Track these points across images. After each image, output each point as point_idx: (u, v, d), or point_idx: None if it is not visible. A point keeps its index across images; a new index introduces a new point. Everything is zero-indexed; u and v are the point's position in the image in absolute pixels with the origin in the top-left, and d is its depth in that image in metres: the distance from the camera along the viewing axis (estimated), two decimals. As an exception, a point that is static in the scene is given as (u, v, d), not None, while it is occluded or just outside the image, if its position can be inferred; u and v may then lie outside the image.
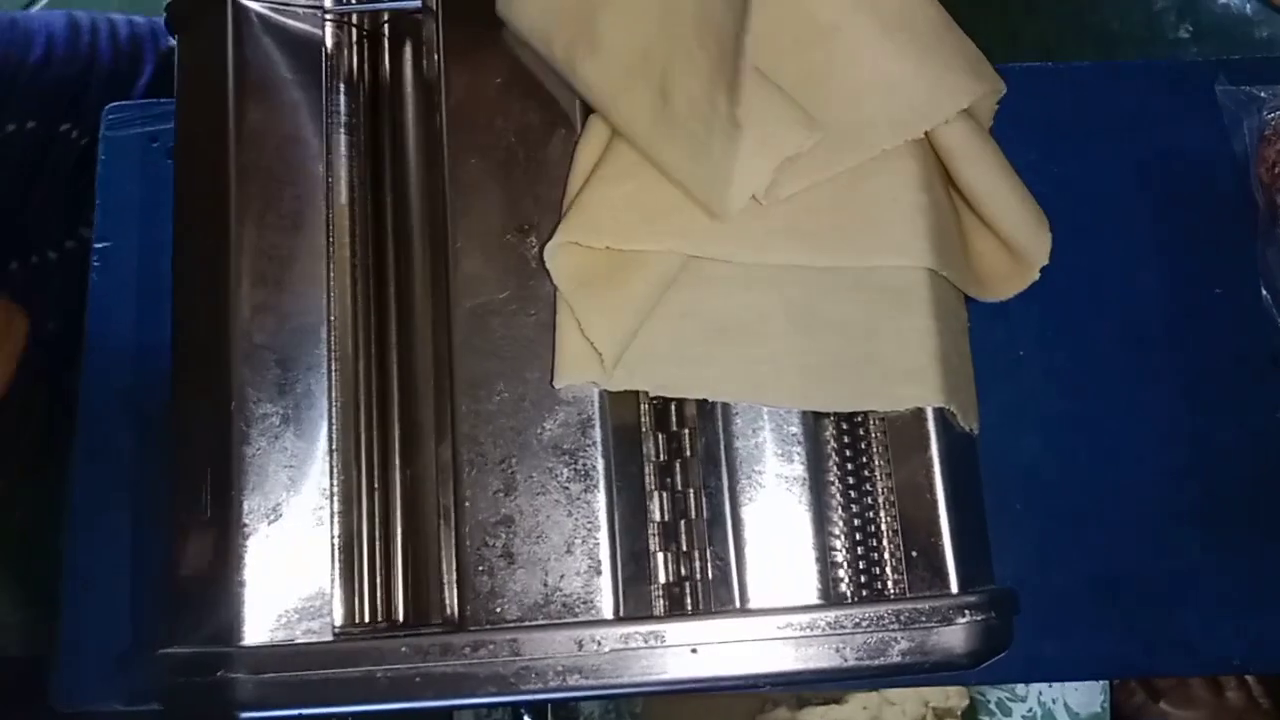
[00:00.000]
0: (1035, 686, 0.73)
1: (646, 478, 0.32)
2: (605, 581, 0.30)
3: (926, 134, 0.33)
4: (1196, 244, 0.47)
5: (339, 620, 0.32)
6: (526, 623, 0.30)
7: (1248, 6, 0.71)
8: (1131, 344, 0.46)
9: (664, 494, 0.32)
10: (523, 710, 0.38)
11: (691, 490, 0.32)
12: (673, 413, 0.33)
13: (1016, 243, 0.35)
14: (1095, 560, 0.44)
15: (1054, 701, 0.73)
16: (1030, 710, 0.74)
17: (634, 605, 0.31)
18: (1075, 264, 0.45)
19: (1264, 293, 0.46)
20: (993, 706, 0.74)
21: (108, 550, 0.47)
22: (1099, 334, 0.47)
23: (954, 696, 0.73)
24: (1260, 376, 0.46)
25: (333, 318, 0.33)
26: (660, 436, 0.33)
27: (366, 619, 0.33)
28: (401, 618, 0.33)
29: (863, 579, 0.31)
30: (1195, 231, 0.47)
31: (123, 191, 0.51)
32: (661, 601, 0.31)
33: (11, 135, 0.61)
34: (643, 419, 0.33)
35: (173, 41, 0.38)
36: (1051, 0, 0.80)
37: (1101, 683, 0.71)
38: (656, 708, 0.73)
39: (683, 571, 0.32)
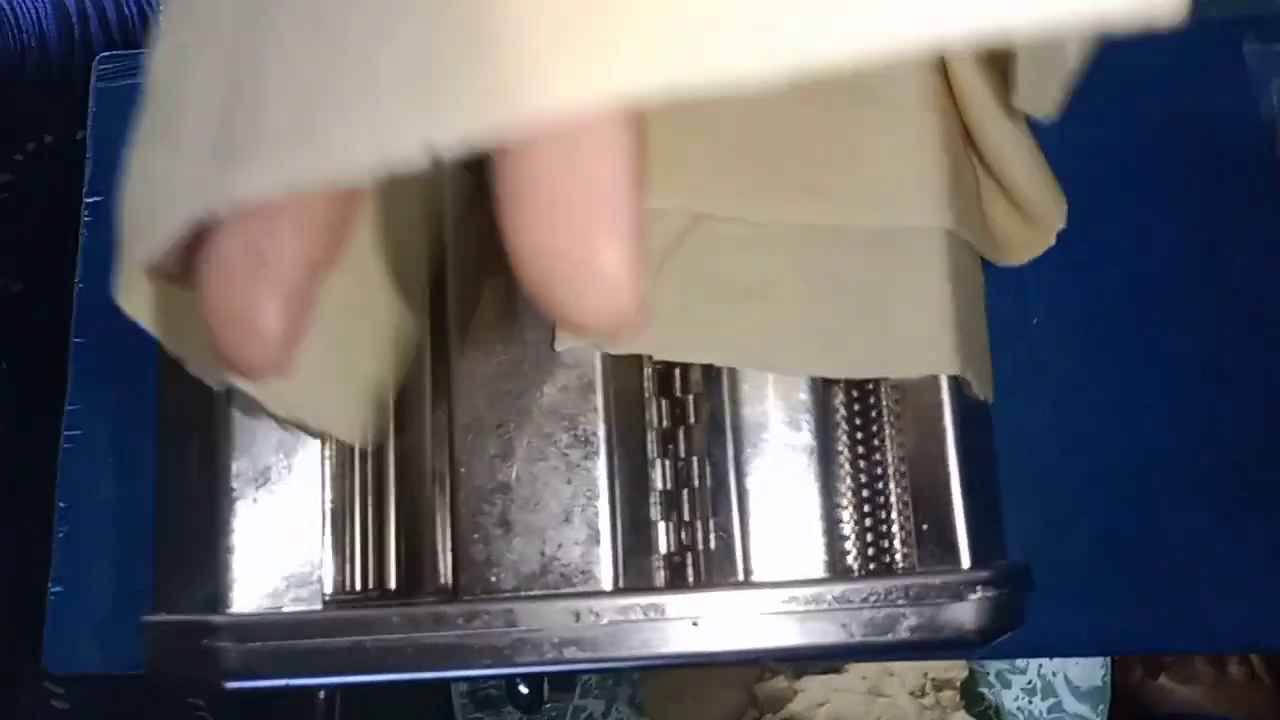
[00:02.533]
0: (1035, 659, 0.72)
1: (649, 444, 0.31)
2: (604, 551, 0.29)
3: (950, 90, 0.32)
4: (1217, 210, 0.46)
5: (329, 588, 0.31)
6: (522, 593, 0.29)
7: (1269, -31, 0.70)
8: (1147, 312, 0.45)
9: (666, 461, 0.31)
10: (518, 680, 0.38)
11: (695, 458, 0.31)
12: (677, 378, 0.32)
13: (1032, 206, 0.34)
14: (1107, 534, 0.43)
15: (1054, 674, 0.72)
16: (1030, 682, 0.73)
17: (634, 576, 0.30)
18: (1091, 230, 0.44)
19: (1286, 262, 0.45)
20: (992, 678, 0.73)
21: (100, 512, 0.46)
22: (1114, 302, 0.45)
23: (953, 668, 0.72)
24: (1278, 346, 0.45)
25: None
26: (664, 402, 0.32)
27: (358, 587, 0.32)
28: (394, 586, 0.32)
29: (870, 552, 0.30)
30: (1216, 197, 0.46)
31: (115, 144, 0.50)
32: (662, 572, 0.31)
33: (33, 154, 0.60)
34: (646, 384, 0.32)
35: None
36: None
37: (1103, 656, 0.70)
38: (655, 676, 0.72)
39: (685, 541, 0.31)
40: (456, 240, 0.31)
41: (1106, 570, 0.44)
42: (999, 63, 0.31)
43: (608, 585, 0.29)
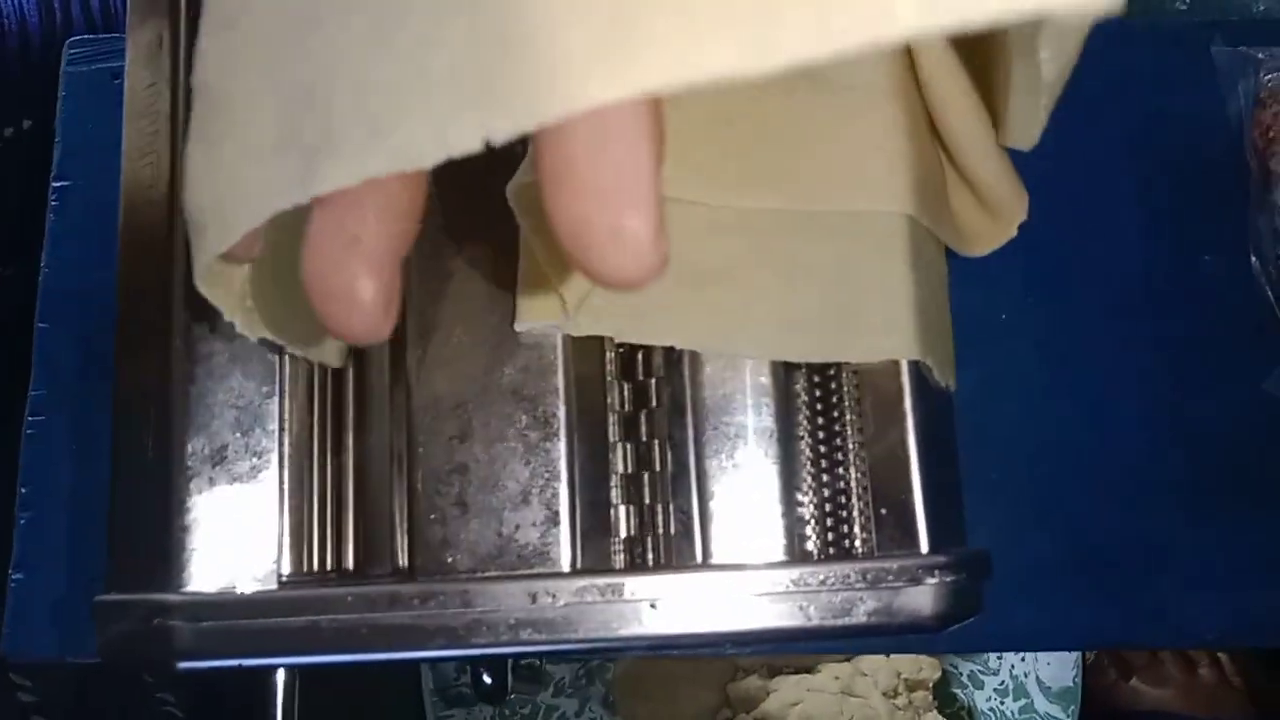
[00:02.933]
0: (1008, 659, 0.72)
1: (610, 428, 0.31)
2: (563, 533, 0.29)
3: (916, 78, 0.32)
4: (1185, 209, 0.46)
5: (286, 568, 0.31)
6: (479, 574, 0.29)
7: (1244, -28, 0.70)
8: (1115, 309, 0.45)
9: (628, 445, 0.31)
10: (481, 669, 0.37)
11: (656, 441, 0.31)
12: (639, 361, 0.32)
13: (994, 198, 0.34)
14: (1072, 529, 0.43)
15: (1026, 675, 0.73)
16: (1002, 683, 0.73)
17: (593, 558, 0.30)
18: (1059, 227, 0.44)
19: (1253, 260, 0.45)
20: (964, 679, 0.73)
21: (62, 498, 0.45)
22: (1082, 299, 0.46)
23: (926, 668, 0.72)
24: (1245, 345, 0.45)
25: (286, 255, 0.32)
26: (625, 385, 0.32)
27: (315, 567, 0.31)
28: (352, 566, 0.32)
29: (830, 536, 0.30)
30: (1185, 196, 0.46)
31: (83, 129, 0.49)
32: (622, 555, 0.30)
33: (10, 139, 0.59)
34: (607, 366, 0.32)
35: None
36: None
37: (1074, 656, 0.70)
38: (627, 675, 0.72)
39: (645, 525, 0.31)
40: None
41: (1074, 565, 0.44)
42: (973, 67, 0.32)
43: (565, 567, 0.29)
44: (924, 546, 0.29)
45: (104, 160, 0.49)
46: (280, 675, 0.32)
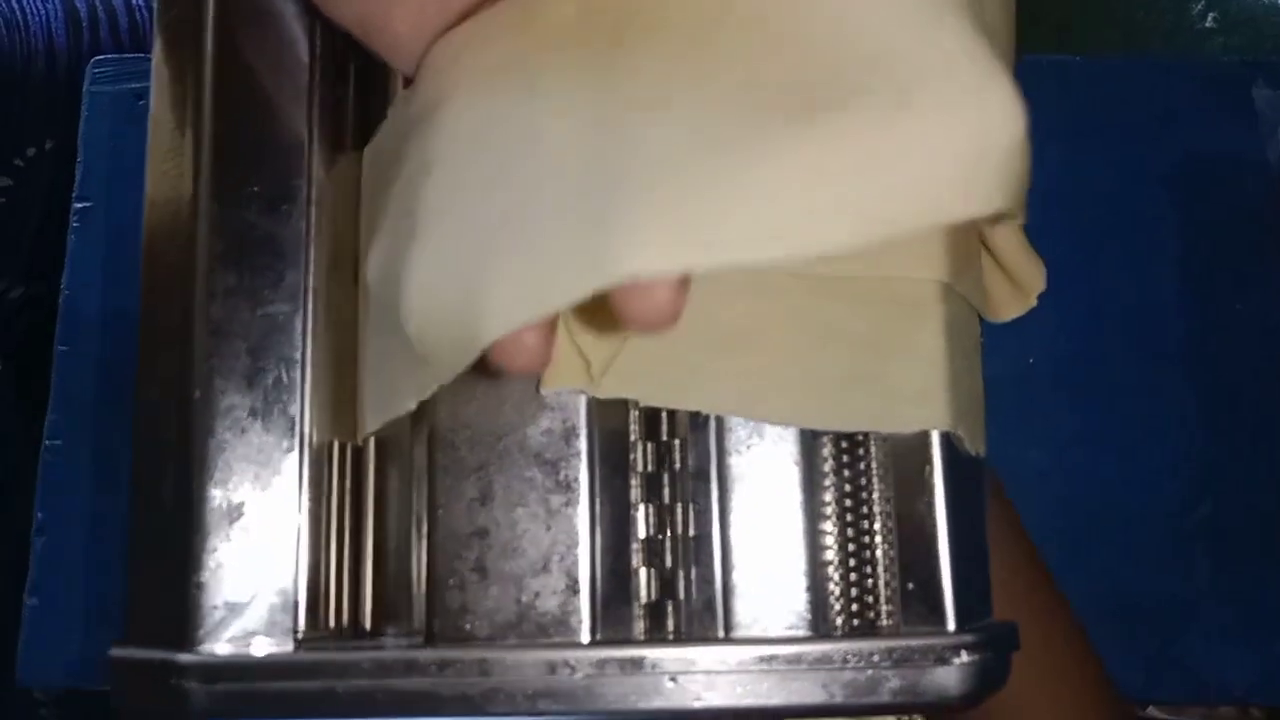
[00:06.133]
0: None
1: (632, 489, 0.31)
2: (583, 602, 0.29)
3: None
4: (1220, 255, 0.45)
5: (302, 626, 0.30)
6: (497, 642, 0.28)
7: (1279, -2, 0.69)
8: (1146, 357, 0.45)
9: (650, 506, 0.31)
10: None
11: (679, 505, 0.30)
12: (664, 421, 0.31)
13: (1017, 269, 0.34)
14: (1099, 579, 0.43)
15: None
16: None
17: (613, 624, 0.29)
18: (1091, 270, 0.43)
19: (1289, 310, 0.44)
20: None
21: (79, 523, 0.45)
22: (1113, 345, 0.45)
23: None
24: (1276, 395, 0.44)
25: (309, 306, 0.31)
26: (649, 445, 0.31)
27: (332, 625, 0.31)
28: (370, 626, 0.31)
29: (855, 607, 0.30)
30: (1219, 242, 0.45)
31: (105, 150, 0.49)
32: (642, 621, 0.30)
33: (33, 159, 0.59)
34: (631, 426, 0.31)
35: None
36: (1078, -16, 0.78)
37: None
38: None
39: (666, 589, 0.30)
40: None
41: (1098, 616, 0.44)
42: None
43: (585, 637, 0.28)
44: (951, 624, 0.29)
45: (126, 181, 0.49)
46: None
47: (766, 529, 0.29)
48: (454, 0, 0.28)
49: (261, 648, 0.29)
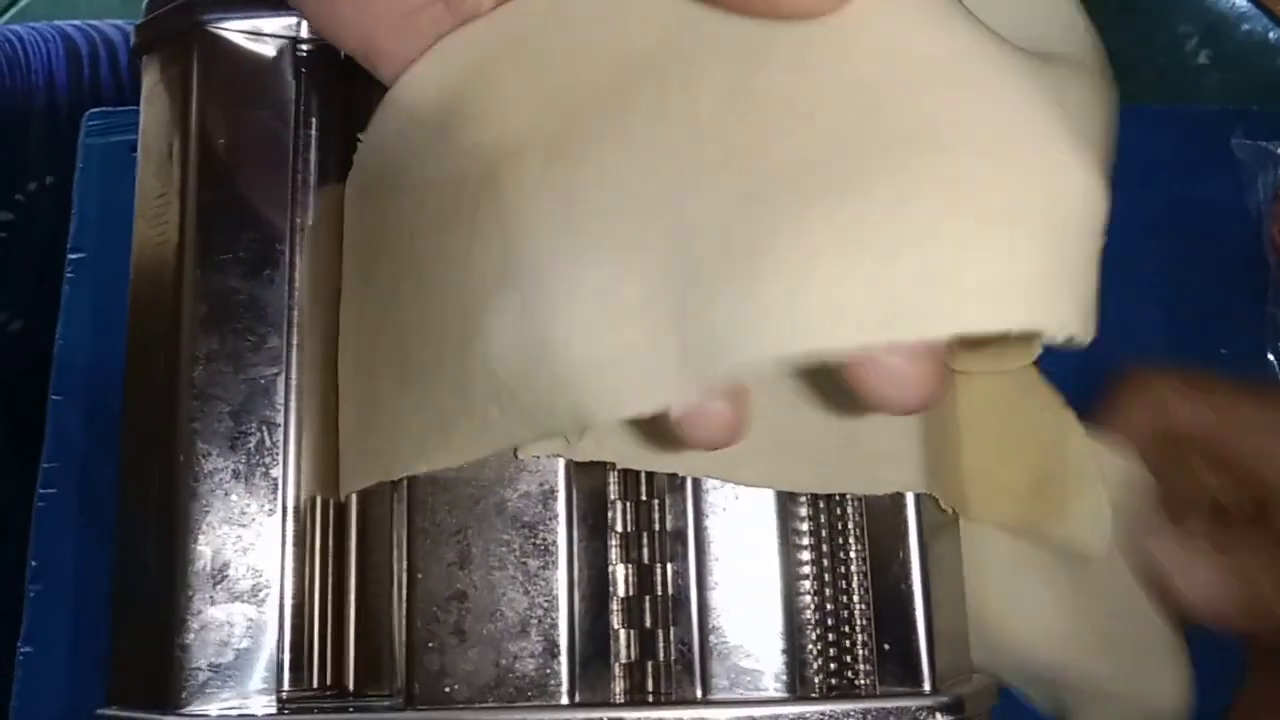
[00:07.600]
0: None
1: (611, 549, 0.31)
2: (561, 664, 0.29)
3: None
4: (1203, 302, 0.45)
5: (287, 686, 0.31)
6: (476, 704, 0.29)
7: (1270, 34, 0.70)
8: (1131, 402, 0.45)
9: (629, 566, 0.31)
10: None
11: (659, 565, 0.31)
12: (642, 480, 0.31)
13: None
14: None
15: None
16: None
17: (592, 686, 0.30)
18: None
19: (1270, 357, 0.45)
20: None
21: (72, 571, 0.46)
22: (1098, 391, 0.45)
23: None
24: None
25: (292, 368, 0.32)
26: (628, 505, 0.31)
27: (315, 685, 0.31)
28: (352, 686, 0.31)
29: (832, 667, 0.30)
30: (1202, 289, 0.46)
31: (100, 201, 0.50)
32: (621, 683, 0.30)
33: (34, 194, 0.60)
34: (610, 486, 0.31)
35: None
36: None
37: None
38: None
39: (645, 650, 0.30)
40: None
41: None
42: None
43: (564, 699, 0.29)
44: (926, 684, 0.29)
45: (120, 232, 0.49)
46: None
47: (743, 590, 0.30)
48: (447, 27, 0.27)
49: (246, 709, 0.30)
